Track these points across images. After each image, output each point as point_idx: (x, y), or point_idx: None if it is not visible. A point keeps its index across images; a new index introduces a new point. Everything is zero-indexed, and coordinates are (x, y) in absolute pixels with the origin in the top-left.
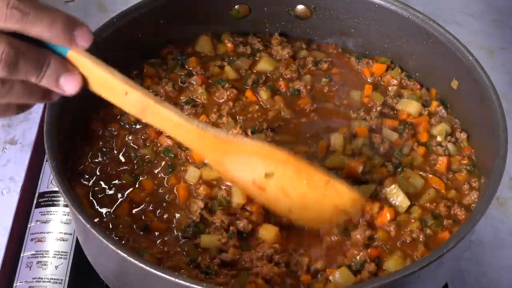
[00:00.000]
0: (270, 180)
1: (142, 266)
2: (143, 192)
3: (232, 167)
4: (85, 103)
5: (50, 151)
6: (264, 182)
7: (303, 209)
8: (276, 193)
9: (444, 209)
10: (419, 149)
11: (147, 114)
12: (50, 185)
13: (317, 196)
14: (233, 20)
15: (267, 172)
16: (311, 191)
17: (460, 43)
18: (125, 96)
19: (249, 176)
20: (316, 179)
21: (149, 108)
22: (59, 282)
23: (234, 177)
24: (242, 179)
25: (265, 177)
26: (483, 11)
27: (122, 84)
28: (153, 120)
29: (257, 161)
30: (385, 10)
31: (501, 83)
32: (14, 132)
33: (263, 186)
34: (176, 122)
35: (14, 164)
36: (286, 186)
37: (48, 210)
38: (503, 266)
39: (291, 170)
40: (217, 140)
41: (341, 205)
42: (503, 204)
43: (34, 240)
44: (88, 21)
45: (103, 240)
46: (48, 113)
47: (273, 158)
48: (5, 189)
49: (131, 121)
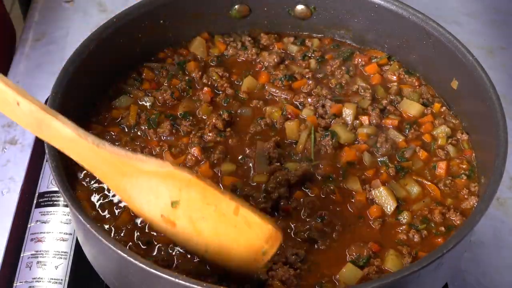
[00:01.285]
0: (178, 210)
1: (142, 266)
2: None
3: (135, 193)
4: (83, 109)
5: (50, 151)
6: (172, 214)
7: (219, 248)
8: (188, 228)
9: (439, 216)
10: (421, 153)
11: (42, 129)
12: (50, 185)
13: (229, 229)
14: (233, 20)
15: (173, 199)
16: (221, 221)
17: (460, 43)
18: (18, 108)
19: (156, 208)
20: (224, 206)
21: (43, 122)
22: (59, 282)
23: (143, 210)
24: (149, 212)
25: (172, 207)
26: (483, 11)
27: (13, 93)
28: (48, 137)
29: (158, 184)
30: (385, 10)
31: (501, 83)
32: (14, 132)
33: (172, 220)
34: (70, 137)
35: (14, 164)
36: (195, 215)
37: (48, 210)
38: (503, 266)
39: (196, 192)
40: (115, 158)
41: (254, 240)
42: (503, 204)
43: (34, 240)
44: (88, 21)
45: (103, 240)
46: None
47: (174, 179)
48: (5, 189)
49: (131, 125)
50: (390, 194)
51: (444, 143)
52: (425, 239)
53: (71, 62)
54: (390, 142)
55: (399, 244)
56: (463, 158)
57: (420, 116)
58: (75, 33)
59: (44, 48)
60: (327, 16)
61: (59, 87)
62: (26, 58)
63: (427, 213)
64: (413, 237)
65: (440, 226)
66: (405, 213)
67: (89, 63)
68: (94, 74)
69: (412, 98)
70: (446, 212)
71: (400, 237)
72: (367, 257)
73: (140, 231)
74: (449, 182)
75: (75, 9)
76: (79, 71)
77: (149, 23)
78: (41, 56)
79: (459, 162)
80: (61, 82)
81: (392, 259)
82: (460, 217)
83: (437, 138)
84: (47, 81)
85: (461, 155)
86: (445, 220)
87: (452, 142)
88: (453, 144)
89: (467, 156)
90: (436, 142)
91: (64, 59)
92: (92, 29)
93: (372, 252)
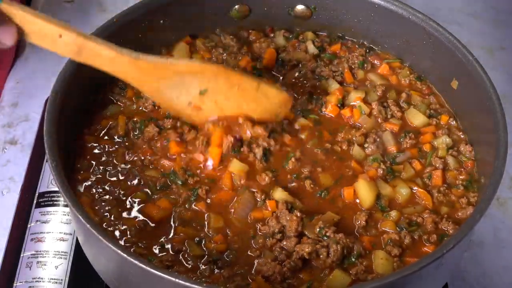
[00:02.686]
0: (205, 97)
1: (142, 266)
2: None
3: (168, 92)
4: (82, 110)
5: (50, 151)
6: (199, 101)
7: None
8: (212, 108)
9: (431, 225)
10: (415, 163)
11: (82, 54)
12: (50, 185)
13: (249, 103)
14: (233, 20)
15: (201, 88)
16: (243, 97)
17: (460, 43)
18: (60, 39)
19: (185, 99)
20: (246, 84)
21: (84, 47)
22: (59, 282)
23: (172, 103)
24: (179, 103)
25: (200, 94)
26: (483, 11)
27: (56, 27)
28: (89, 59)
29: (191, 79)
30: (385, 10)
31: (501, 83)
32: (14, 132)
33: (198, 105)
34: (109, 56)
35: (14, 164)
36: (219, 98)
37: (48, 210)
38: (503, 266)
39: (222, 80)
40: (152, 66)
41: (270, 107)
42: (503, 204)
43: (34, 240)
44: (88, 21)
45: (103, 240)
46: (48, 113)
47: (205, 73)
48: (5, 189)
49: (121, 135)
50: (371, 189)
51: (444, 154)
52: (416, 243)
53: (71, 62)
54: (378, 143)
55: (389, 245)
56: (462, 169)
57: (423, 127)
58: None
59: (44, 48)
60: (327, 16)
61: (59, 87)
62: (26, 58)
63: (416, 217)
64: (404, 238)
65: (433, 234)
66: (393, 212)
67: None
68: (94, 73)
69: (419, 108)
70: (439, 221)
71: (392, 237)
72: (358, 253)
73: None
74: (443, 189)
75: (75, 9)
76: (79, 70)
77: (149, 24)
78: (41, 57)
79: (458, 173)
80: (61, 83)
81: (382, 263)
82: (453, 226)
83: (437, 149)
84: (47, 82)
85: (461, 166)
86: (437, 230)
87: (453, 153)
88: (453, 155)
89: (468, 168)
90: (435, 152)
91: (64, 59)
92: (92, 29)
93: (363, 249)
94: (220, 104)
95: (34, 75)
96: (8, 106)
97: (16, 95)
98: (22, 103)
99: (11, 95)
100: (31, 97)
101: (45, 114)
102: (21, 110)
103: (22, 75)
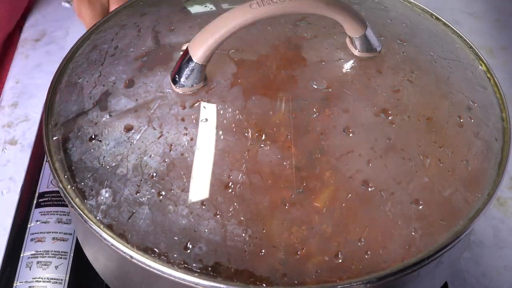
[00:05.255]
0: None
1: (142, 265)
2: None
3: None
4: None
5: (50, 151)
6: None
7: None
8: None
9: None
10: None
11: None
12: (50, 185)
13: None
14: None
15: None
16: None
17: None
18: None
19: None
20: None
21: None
22: (59, 282)
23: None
24: None
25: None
26: (484, 11)
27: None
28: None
29: None
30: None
31: (501, 83)
32: (14, 132)
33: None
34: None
35: (14, 164)
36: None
37: (48, 210)
38: (503, 266)
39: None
40: None
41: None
42: (503, 204)
43: (34, 240)
44: None
45: (103, 239)
46: (47, 113)
47: None
48: (5, 189)
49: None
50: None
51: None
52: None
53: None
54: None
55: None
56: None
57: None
58: (75, 33)
59: (44, 48)
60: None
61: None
62: (25, 58)
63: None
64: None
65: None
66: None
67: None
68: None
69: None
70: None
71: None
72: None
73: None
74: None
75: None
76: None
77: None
78: (41, 56)
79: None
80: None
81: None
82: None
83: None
84: (47, 81)
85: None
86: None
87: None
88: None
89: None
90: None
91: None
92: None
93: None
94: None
95: (34, 74)
96: (8, 106)
97: (16, 95)
98: (22, 103)
99: (11, 95)
100: (31, 97)
101: (44, 114)
102: (21, 110)
103: (22, 74)
